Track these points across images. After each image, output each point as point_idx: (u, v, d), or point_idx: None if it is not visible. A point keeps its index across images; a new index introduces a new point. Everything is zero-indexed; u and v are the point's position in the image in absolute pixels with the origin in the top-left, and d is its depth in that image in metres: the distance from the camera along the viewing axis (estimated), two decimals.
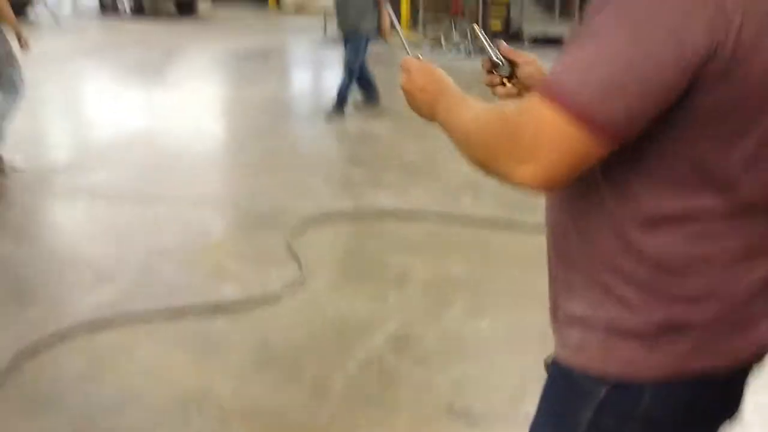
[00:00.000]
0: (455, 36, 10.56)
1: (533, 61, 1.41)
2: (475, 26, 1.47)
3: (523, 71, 1.40)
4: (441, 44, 10.75)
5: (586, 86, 0.93)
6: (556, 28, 10.77)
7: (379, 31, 6.99)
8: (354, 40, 6.93)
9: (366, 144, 6.50)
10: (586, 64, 0.94)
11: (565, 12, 10.65)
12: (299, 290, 3.59)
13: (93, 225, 4.56)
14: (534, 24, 11.48)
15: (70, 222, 4.72)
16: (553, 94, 0.94)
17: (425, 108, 1.23)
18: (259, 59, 10.63)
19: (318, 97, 8.87)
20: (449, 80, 1.24)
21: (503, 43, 1.41)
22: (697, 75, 0.93)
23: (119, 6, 15.59)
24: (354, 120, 7.27)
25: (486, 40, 1.39)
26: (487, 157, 1.03)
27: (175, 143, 6.36)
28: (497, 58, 1.39)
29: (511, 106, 1.02)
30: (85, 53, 10.72)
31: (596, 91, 0.92)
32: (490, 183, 1.23)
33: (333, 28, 13.28)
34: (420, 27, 11.38)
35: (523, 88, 1.40)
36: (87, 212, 4.75)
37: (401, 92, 1.28)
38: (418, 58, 1.30)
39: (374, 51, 7.36)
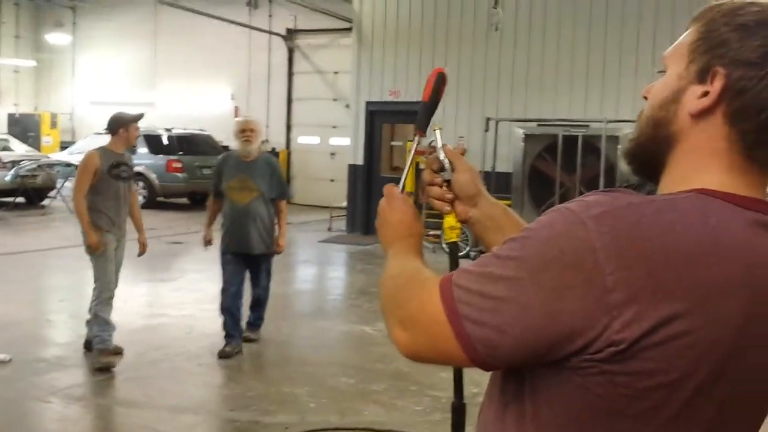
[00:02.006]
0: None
1: (471, 170, 1.40)
2: (436, 124, 1.44)
3: (459, 178, 1.37)
4: (441, 243, 10.98)
5: (471, 305, 0.97)
6: None
7: (276, 246, 6.04)
8: (259, 262, 6.05)
9: (358, 349, 6.39)
10: (481, 285, 0.97)
11: None
12: None
13: None
14: None
15: (37, 427, 4.54)
16: (446, 292, 1.00)
17: (386, 239, 1.30)
18: None
19: (316, 296, 8.89)
20: (420, 231, 1.31)
21: (447, 146, 1.40)
22: (577, 351, 0.93)
23: None
24: (348, 322, 7.21)
25: (440, 142, 1.39)
26: (385, 306, 1.11)
27: (166, 341, 6.28)
28: (445, 161, 1.37)
29: (429, 273, 1.10)
30: None
31: (475, 313, 0.96)
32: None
33: (337, 225, 13.83)
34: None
35: (455, 195, 1.37)
36: (57, 417, 4.58)
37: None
38: (404, 190, 1.36)
39: (377, 250, 7.39)
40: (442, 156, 1.38)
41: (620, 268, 0.90)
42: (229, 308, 5.88)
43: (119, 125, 5.58)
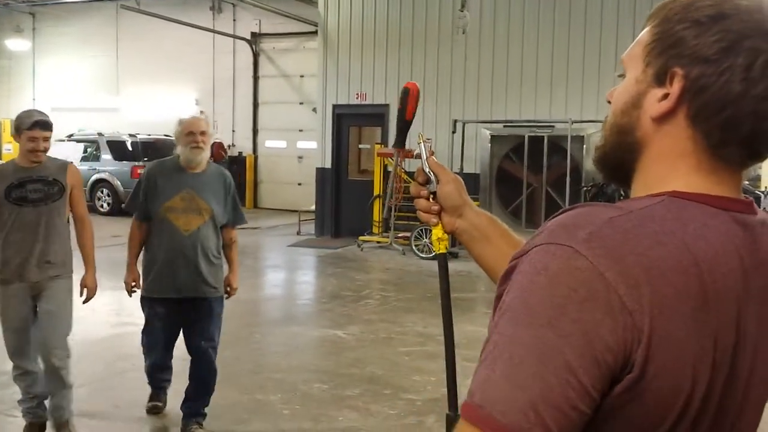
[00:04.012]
0: (426, 240, 10.81)
1: (456, 181, 1.40)
2: (421, 135, 1.47)
3: (444, 189, 1.39)
4: (411, 245, 11.00)
5: (516, 410, 0.82)
6: (523, 236, 11.03)
7: (228, 289, 4.50)
8: (207, 306, 4.37)
9: (331, 354, 6.35)
10: (509, 379, 0.84)
11: (531, 221, 11.00)
12: None
13: None
14: None
15: None
16: (479, 419, 0.84)
17: None
18: None
19: (287, 301, 8.82)
20: None
21: (433, 157, 1.41)
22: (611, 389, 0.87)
23: (96, 204, 15.93)
24: (320, 326, 7.17)
25: (425, 154, 1.40)
26: None
27: (133, 350, 6.15)
28: (430, 173, 1.39)
29: None
30: None
31: (524, 417, 0.82)
32: None
33: (306, 228, 13.76)
34: (391, 230, 11.67)
35: (441, 207, 1.39)
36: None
37: (369, 293, 1.27)
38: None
39: (346, 253, 7.35)
40: (427, 168, 1.39)
41: (630, 287, 0.85)
42: (159, 366, 4.71)
43: (15, 130, 4.07)
